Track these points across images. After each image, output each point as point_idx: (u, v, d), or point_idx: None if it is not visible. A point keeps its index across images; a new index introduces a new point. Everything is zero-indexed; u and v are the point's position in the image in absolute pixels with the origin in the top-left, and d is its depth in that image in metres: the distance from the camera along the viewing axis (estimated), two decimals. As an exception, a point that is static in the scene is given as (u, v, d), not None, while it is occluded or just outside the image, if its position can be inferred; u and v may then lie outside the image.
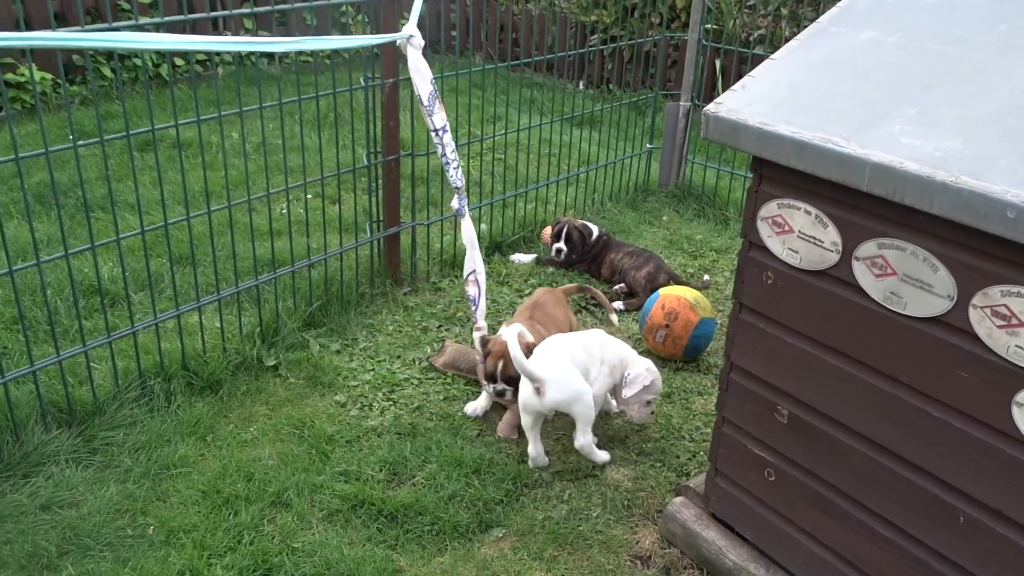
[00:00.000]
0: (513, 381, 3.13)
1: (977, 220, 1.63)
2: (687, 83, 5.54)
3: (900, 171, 1.73)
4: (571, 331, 3.43)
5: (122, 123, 3.12)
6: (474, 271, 3.44)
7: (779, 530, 2.38)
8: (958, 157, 1.69)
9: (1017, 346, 1.68)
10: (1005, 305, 1.69)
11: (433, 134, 3.29)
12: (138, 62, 7.14)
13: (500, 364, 3.16)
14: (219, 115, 3.18)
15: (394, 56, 3.75)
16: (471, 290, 3.44)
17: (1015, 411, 1.72)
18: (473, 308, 3.45)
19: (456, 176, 3.37)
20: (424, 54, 3.28)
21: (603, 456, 3.02)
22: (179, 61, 7.50)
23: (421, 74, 3.20)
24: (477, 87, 6.07)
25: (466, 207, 3.47)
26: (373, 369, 3.56)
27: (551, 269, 4.57)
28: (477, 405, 3.31)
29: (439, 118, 3.27)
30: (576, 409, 2.89)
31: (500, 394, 3.24)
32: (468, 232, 3.47)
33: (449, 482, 2.88)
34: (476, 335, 3.40)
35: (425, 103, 3.22)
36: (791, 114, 1.98)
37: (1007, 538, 1.81)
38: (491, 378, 3.21)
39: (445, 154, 3.33)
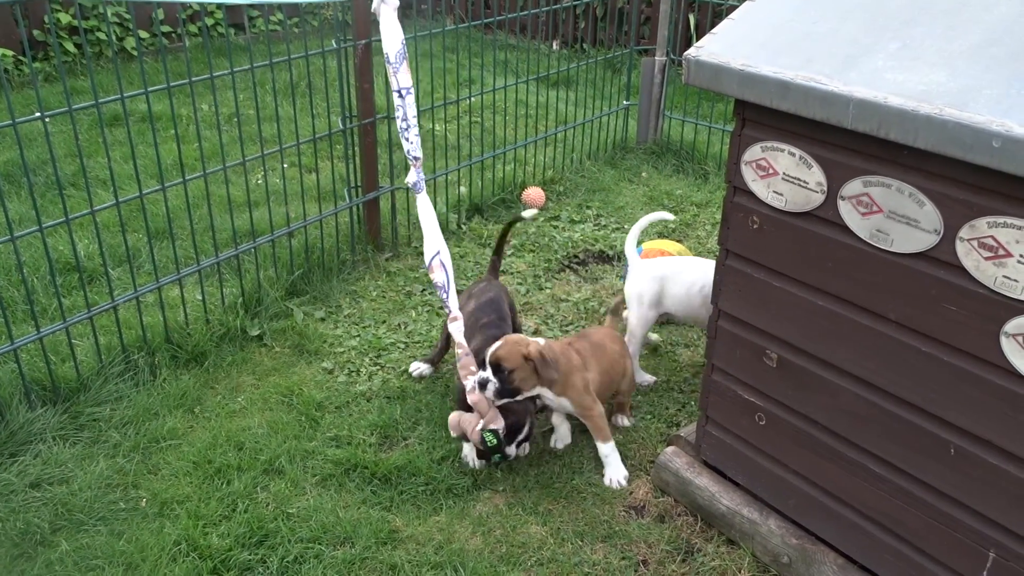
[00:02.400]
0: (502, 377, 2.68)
1: (963, 152, 1.63)
2: (662, 38, 5.50)
3: (884, 106, 1.72)
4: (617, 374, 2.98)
5: (87, 100, 3.05)
6: (437, 253, 2.98)
7: (771, 473, 2.40)
8: (942, 90, 1.68)
9: (1004, 276, 1.69)
10: (992, 236, 1.69)
11: (396, 95, 3.05)
12: (103, 36, 6.99)
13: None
14: (190, 80, 3.12)
15: (366, 17, 3.69)
16: (437, 276, 2.96)
17: (1003, 341, 1.74)
18: (444, 296, 2.96)
19: (415, 145, 3.05)
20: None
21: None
22: (144, 34, 7.35)
23: (391, 34, 3.10)
24: (450, 51, 5.99)
25: (423, 182, 3.10)
26: (359, 335, 3.55)
27: (546, 240, 4.55)
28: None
29: (404, 77, 3.05)
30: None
31: (483, 384, 2.68)
32: (426, 210, 3.07)
33: (441, 443, 2.88)
34: (452, 327, 2.90)
35: (392, 61, 3.05)
36: (773, 55, 1.97)
37: (997, 467, 1.83)
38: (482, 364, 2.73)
39: (406, 117, 3.03)
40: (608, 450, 2.78)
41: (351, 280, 3.96)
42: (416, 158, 3.09)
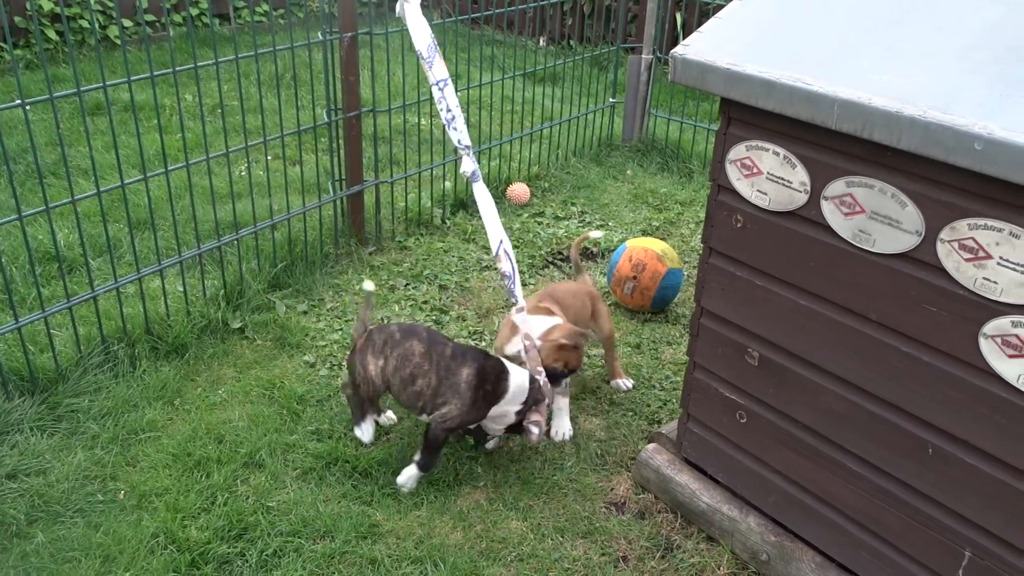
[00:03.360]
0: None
1: (945, 154, 1.64)
2: (648, 36, 5.50)
3: (868, 107, 1.73)
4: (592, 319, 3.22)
5: (69, 88, 3.01)
6: (501, 243, 2.92)
7: (751, 471, 2.41)
8: (926, 92, 1.70)
9: (984, 278, 1.71)
10: (972, 238, 1.71)
11: (435, 88, 2.99)
12: (85, 23, 6.92)
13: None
14: (174, 70, 3.09)
15: (352, 9, 3.67)
16: (504, 266, 2.91)
17: (982, 342, 1.75)
18: (510, 285, 2.90)
19: (463, 134, 2.98)
20: (380, 13, 3.19)
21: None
22: (128, 22, 7.28)
23: (420, 30, 3.05)
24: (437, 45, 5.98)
25: (479, 171, 3.02)
26: (341, 329, 3.53)
27: (530, 236, 4.55)
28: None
29: (440, 70, 2.99)
30: None
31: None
32: (485, 200, 2.97)
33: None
34: (517, 317, 2.85)
35: (425, 56, 2.96)
36: (759, 54, 1.97)
37: (974, 467, 1.85)
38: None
39: (449, 108, 2.97)
40: (564, 404, 2.96)
41: (334, 274, 3.95)
42: (467, 147, 3.00)
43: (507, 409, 2.67)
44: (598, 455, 2.88)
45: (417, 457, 2.67)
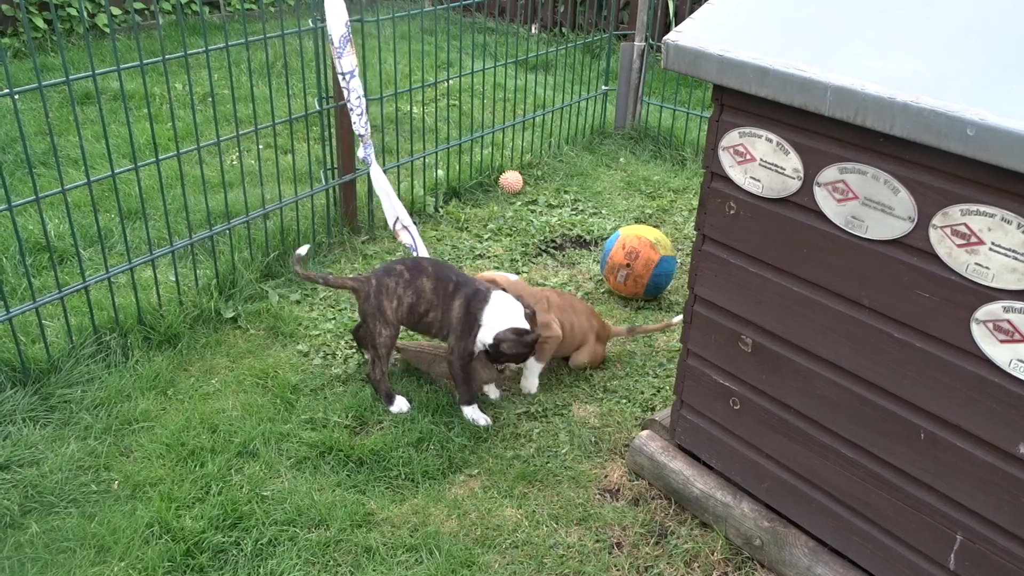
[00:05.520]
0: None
1: (937, 140, 1.64)
2: (641, 23, 5.49)
3: (861, 93, 1.73)
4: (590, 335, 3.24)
5: (58, 77, 2.99)
6: (397, 219, 3.27)
7: (744, 457, 2.42)
8: (919, 78, 1.70)
9: (976, 264, 1.72)
10: (965, 224, 1.71)
11: (340, 78, 3.27)
12: (74, 12, 6.87)
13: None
14: (163, 59, 3.07)
15: (343, -3, 3.64)
16: (404, 238, 3.28)
17: (974, 328, 1.76)
18: (414, 253, 3.31)
19: (361, 123, 3.31)
20: (372, 1, 3.25)
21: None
22: (116, 10, 7.23)
23: (335, 15, 3.16)
24: (428, 33, 5.95)
25: (372, 155, 3.38)
26: (334, 318, 3.53)
27: (523, 224, 4.55)
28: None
29: (348, 61, 3.25)
30: None
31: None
32: (380, 181, 3.35)
33: (416, 426, 2.88)
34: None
35: (336, 44, 3.19)
36: (752, 40, 1.97)
37: (965, 451, 1.86)
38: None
39: (349, 100, 3.27)
40: (533, 365, 3.12)
41: (327, 263, 3.94)
42: (361, 135, 3.35)
43: (481, 339, 2.86)
44: (592, 442, 2.89)
45: (458, 397, 2.95)
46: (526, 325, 2.86)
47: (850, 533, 2.19)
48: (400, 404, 2.97)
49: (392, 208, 3.25)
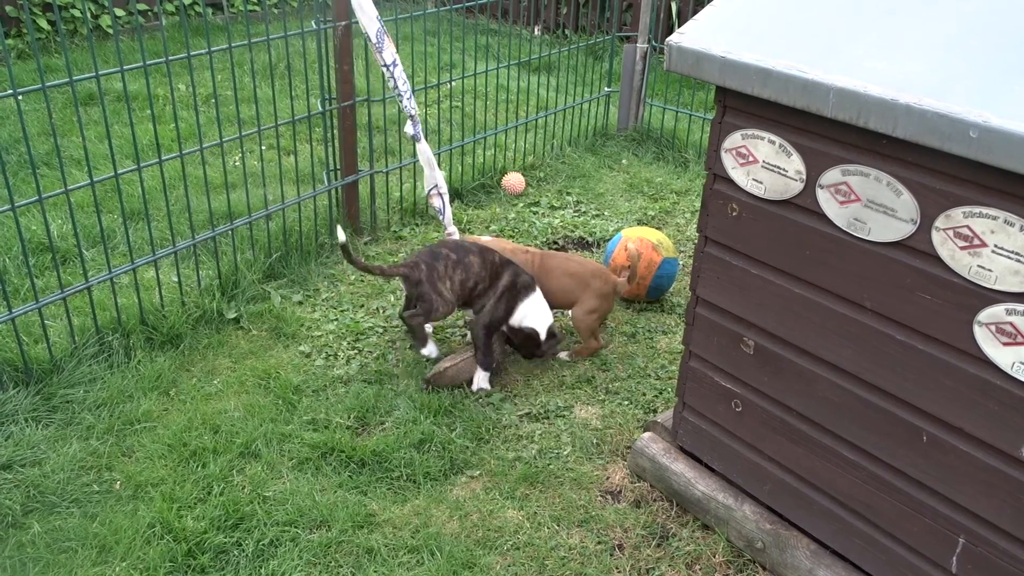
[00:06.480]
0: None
1: (940, 142, 1.64)
2: (643, 25, 5.49)
3: (864, 95, 1.73)
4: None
5: (61, 78, 3.00)
6: (435, 186, 3.61)
7: (746, 459, 2.42)
8: (921, 80, 1.69)
9: (979, 266, 1.71)
10: (967, 226, 1.71)
11: (384, 69, 3.44)
12: (77, 13, 6.88)
13: None
14: (167, 60, 3.07)
15: (346, -2, 3.65)
16: (435, 202, 3.65)
17: (976, 330, 1.76)
18: (441, 217, 3.72)
19: (410, 105, 3.52)
20: (375, 1, 3.30)
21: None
22: (120, 11, 7.24)
23: (366, 13, 3.26)
24: (431, 34, 5.96)
25: (421, 131, 3.60)
26: (336, 319, 3.53)
27: (525, 225, 4.55)
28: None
29: (388, 53, 3.39)
30: None
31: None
32: (426, 153, 3.61)
33: (418, 427, 2.88)
34: (452, 236, 3.60)
35: (374, 40, 3.30)
36: (754, 42, 1.97)
37: (967, 454, 1.86)
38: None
39: (397, 87, 3.46)
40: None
41: (329, 264, 3.94)
42: (412, 115, 3.55)
43: (517, 321, 3.17)
44: (594, 444, 2.88)
45: (478, 357, 3.12)
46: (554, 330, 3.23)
47: (852, 536, 2.19)
48: (431, 348, 3.23)
49: (433, 177, 3.63)
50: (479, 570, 2.37)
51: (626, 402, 3.11)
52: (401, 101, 3.53)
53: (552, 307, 3.33)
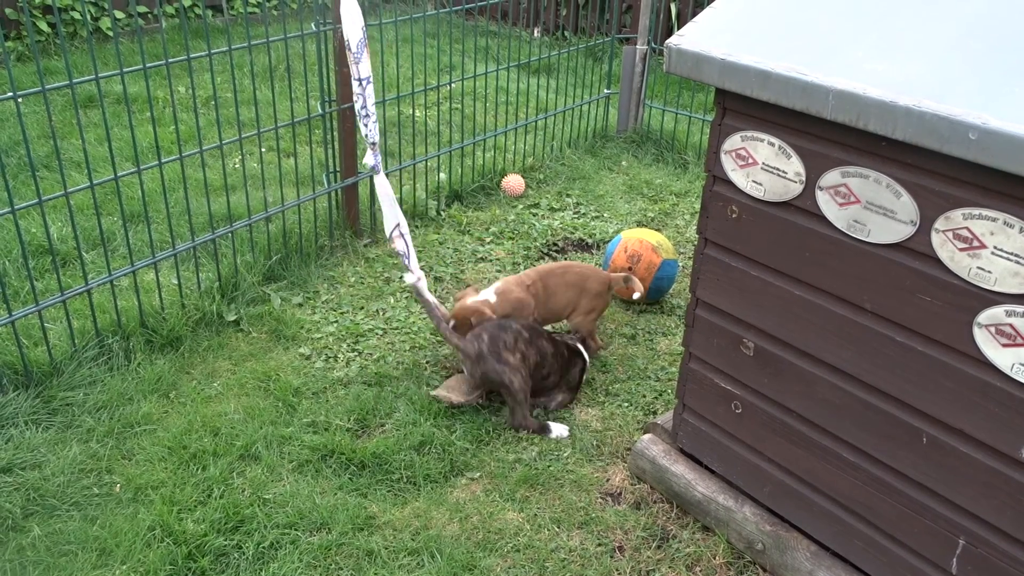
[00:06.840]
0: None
1: (940, 144, 1.64)
2: (643, 27, 5.50)
3: (863, 97, 1.73)
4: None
5: (61, 80, 3.00)
6: (397, 226, 3.23)
7: (746, 461, 2.42)
8: (921, 82, 1.70)
9: (978, 268, 1.71)
10: (967, 228, 1.71)
11: (356, 83, 3.18)
12: (77, 15, 6.88)
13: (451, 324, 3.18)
14: (166, 62, 3.08)
15: (346, 0, 3.65)
16: (398, 245, 3.24)
17: (976, 332, 1.76)
18: (406, 262, 3.25)
19: (373, 131, 3.24)
20: (374, 4, 3.23)
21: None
22: (120, 14, 7.25)
23: (352, 19, 3.13)
24: (431, 36, 5.96)
25: (380, 163, 3.30)
26: (336, 321, 3.53)
27: (525, 227, 4.55)
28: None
29: (365, 67, 3.17)
30: None
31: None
32: (384, 188, 3.28)
33: (418, 429, 2.88)
34: (417, 285, 3.20)
35: (354, 49, 3.14)
36: (754, 44, 1.97)
37: (968, 455, 1.86)
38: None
39: (365, 106, 3.19)
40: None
41: (329, 266, 3.94)
42: (373, 143, 3.27)
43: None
44: (594, 446, 2.88)
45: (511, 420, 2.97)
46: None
47: (852, 537, 2.19)
48: (559, 429, 2.94)
49: (394, 216, 3.23)
50: (479, 572, 2.37)
51: (626, 404, 3.11)
52: (364, 125, 3.23)
53: (557, 320, 3.33)
